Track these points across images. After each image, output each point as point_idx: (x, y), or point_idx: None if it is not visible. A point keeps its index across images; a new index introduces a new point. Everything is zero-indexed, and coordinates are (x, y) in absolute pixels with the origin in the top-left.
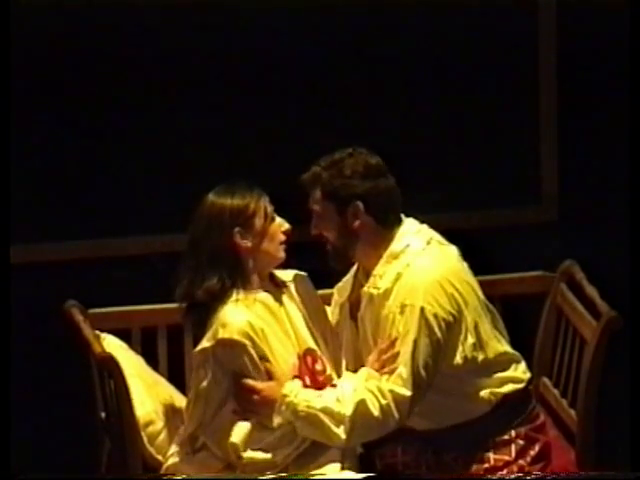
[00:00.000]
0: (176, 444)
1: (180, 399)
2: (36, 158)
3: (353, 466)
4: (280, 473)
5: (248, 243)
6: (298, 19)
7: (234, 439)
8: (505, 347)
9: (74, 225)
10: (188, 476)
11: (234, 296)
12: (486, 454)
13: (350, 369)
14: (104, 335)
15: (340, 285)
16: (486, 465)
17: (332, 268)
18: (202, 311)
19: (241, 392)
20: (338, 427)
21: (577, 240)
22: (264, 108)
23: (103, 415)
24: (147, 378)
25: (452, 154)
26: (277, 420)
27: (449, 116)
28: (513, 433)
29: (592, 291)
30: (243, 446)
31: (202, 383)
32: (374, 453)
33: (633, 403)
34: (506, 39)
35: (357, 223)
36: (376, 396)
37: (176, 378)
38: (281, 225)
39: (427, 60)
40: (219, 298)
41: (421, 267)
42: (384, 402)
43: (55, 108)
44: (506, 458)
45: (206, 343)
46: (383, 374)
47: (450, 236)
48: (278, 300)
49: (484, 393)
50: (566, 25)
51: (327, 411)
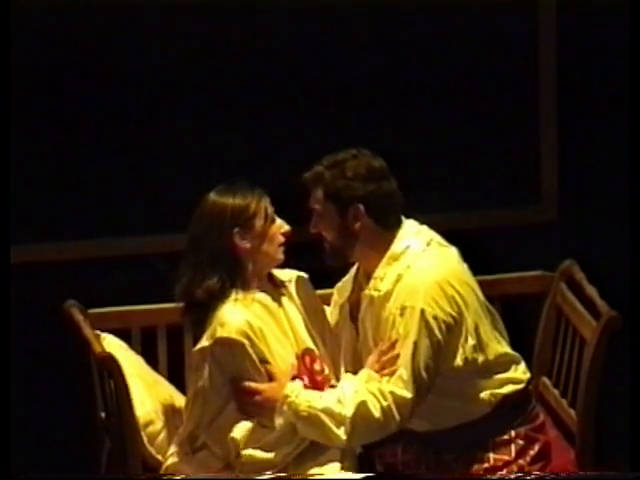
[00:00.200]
0: (175, 444)
1: (180, 399)
2: (36, 158)
3: (352, 466)
4: (279, 473)
5: (247, 244)
6: (299, 18)
7: (234, 437)
8: (505, 348)
9: (74, 225)
10: (187, 476)
11: (233, 295)
12: (486, 454)
13: (349, 370)
14: (104, 335)
15: (340, 285)
16: (486, 465)
17: (329, 266)
18: (201, 310)
19: (242, 394)
20: (339, 428)
21: (577, 240)
22: (264, 108)
23: (103, 415)
24: (147, 378)
25: (452, 154)
26: (279, 421)
27: (449, 116)
28: (513, 433)
29: (592, 291)
30: (243, 445)
31: (200, 382)
32: (374, 453)
33: (633, 403)
34: (506, 39)
35: (358, 225)
36: (377, 398)
37: (176, 378)
38: (281, 226)
39: (427, 60)
40: (218, 297)
41: (421, 269)
42: (385, 404)
43: (55, 108)
44: (506, 458)
45: (205, 342)
46: (383, 376)
47: (450, 236)
48: (277, 300)
49: (484, 394)
50: (566, 25)
51: (328, 412)
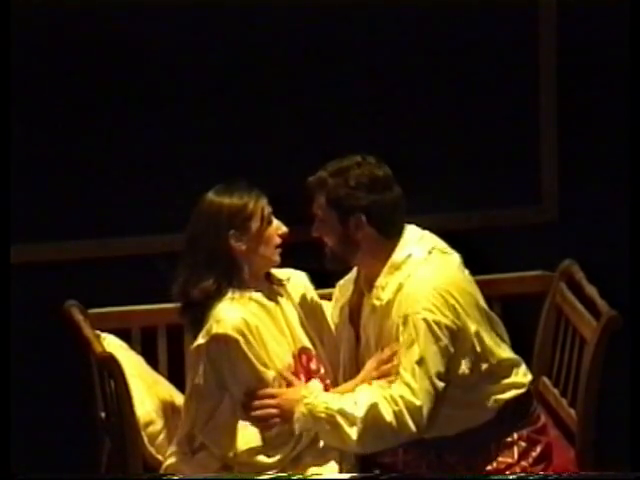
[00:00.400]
0: (175, 444)
1: (180, 399)
2: (36, 158)
3: (351, 467)
4: (278, 473)
5: (243, 246)
6: (297, 19)
7: (231, 438)
8: (507, 353)
9: (74, 225)
10: (187, 476)
11: (229, 294)
12: (489, 457)
13: (347, 372)
14: (104, 335)
15: (342, 283)
16: (489, 467)
17: (329, 269)
18: (197, 310)
19: (258, 400)
20: (351, 429)
21: (577, 240)
22: (264, 108)
23: (103, 415)
24: (147, 378)
25: (452, 154)
26: (298, 425)
27: (449, 116)
28: (515, 436)
29: (592, 291)
30: (240, 446)
31: (196, 380)
32: (375, 452)
33: (633, 403)
34: (506, 39)
35: (359, 234)
36: (389, 402)
37: (176, 378)
38: (278, 228)
39: (427, 60)
40: (214, 297)
41: (422, 277)
42: (396, 408)
43: (55, 108)
44: (509, 460)
45: (201, 340)
46: (390, 383)
47: (450, 236)
48: (274, 299)
49: (488, 401)
50: (566, 25)
51: (342, 412)
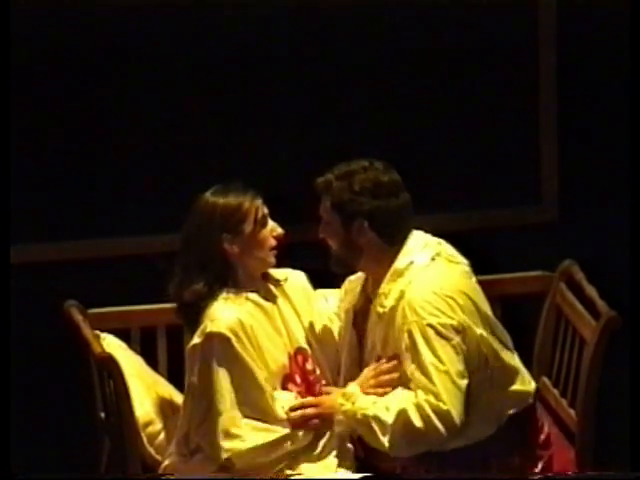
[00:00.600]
0: (173, 444)
1: (179, 399)
2: (36, 158)
3: (348, 468)
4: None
5: (236, 249)
6: (298, 19)
7: (227, 441)
8: (512, 360)
9: (74, 225)
10: (186, 476)
11: (224, 294)
12: (490, 472)
13: (349, 375)
14: (104, 335)
15: (350, 282)
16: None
17: (334, 271)
18: (192, 310)
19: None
20: (384, 435)
21: (577, 240)
22: (264, 108)
23: (103, 415)
24: (146, 378)
25: (452, 154)
26: (339, 428)
27: (449, 116)
28: (517, 460)
29: (592, 291)
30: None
31: (192, 379)
32: (374, 456)
33: (633, 403)
34: (506, 39)
35: (362, 239)
36: (417, 408)
37: (176, 378)
38: (273, 230)
39: (427, 60)
40: (206, 299)
41: (423, 283)
42: (424, 414)
43: (55, 108)
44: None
45: (196, 339)
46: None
47: (450, 236)
48: (271, 298)
49: (491, 412)
50: (566, 25)
51: (376, 419)
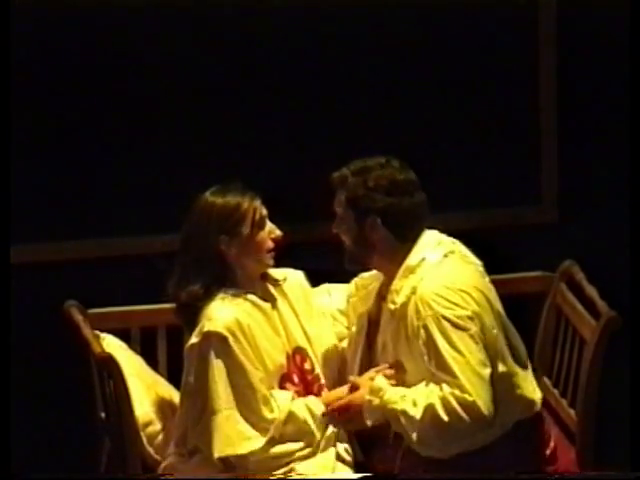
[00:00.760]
0: (173, 444)
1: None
2: (36, 158)
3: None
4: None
5: (233, 251)
6: (298, 18)
7: (220, 441)
8: (519, 364)
9: (74, 225)
10: (186, 476)
11: (221, 294)
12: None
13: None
14: (104, 335)
15: (366, 276)
16: None
17: (327, 267)
18: (189, 311)
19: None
20: (412, 432)
21: (577, 240)
22: (264, 109)
23: (103, 415)
24: (146, 378)
25: (452, 154)
26: (370, 421)
27: (449, 116)
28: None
29: (592, 291)
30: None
31: (189, 378)
32: (373, 456)
33: (633, 403)
34: (506, 39)
35: (374, 236)
36: (443, 402)
37: (176, 378)
38: (271, 232)
39: (427, 60)
40: (202, 300)
41: (435, 278)
42: (450, 407)
43: (55, 108)
44: None
45: (194, 339)
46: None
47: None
48: (270, 298)
49: (493, 420)
50: (566, 24)
51: (405, 413)
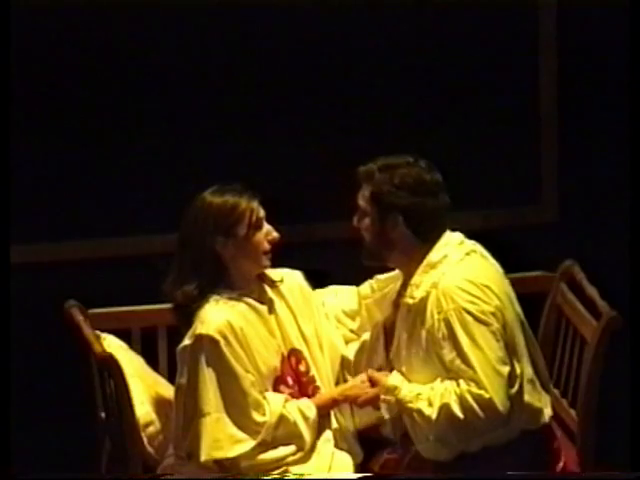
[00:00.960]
0: (172, 445)
1: None
2: (36, 158)
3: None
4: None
5: (229, 252)
6: (297, 18)
7: (208, 445)
8: (532, 369)
9: (74, 225)
10: (186, 476)
11: (215, 296)
12: None
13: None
14: (104, 335)
15: (382, 278)
16: None
17: (327, 267)
18: (185, 311)
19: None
20: (429, 432)
21: (577, 240)
22: (264, 109)
23: (103, 415)
24: (147, 378)
25: (452, 154)
26: (387, 416)
27: (449, 116)
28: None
29: (592, 291)
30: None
31: (181, 380)
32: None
33: (633, 403)
34: (506, 39)
35: (395, 233)
36: (459, 399)
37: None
38: (268, 234)
39: (427, 60)
40: (197, 301)
41: (458, 273)
42: (466, 405)
43: (55, 108)
44: None
45: (187, 341)
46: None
47: None
48: (265, 300)
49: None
50: (566, 25)
51: (420, 413)
